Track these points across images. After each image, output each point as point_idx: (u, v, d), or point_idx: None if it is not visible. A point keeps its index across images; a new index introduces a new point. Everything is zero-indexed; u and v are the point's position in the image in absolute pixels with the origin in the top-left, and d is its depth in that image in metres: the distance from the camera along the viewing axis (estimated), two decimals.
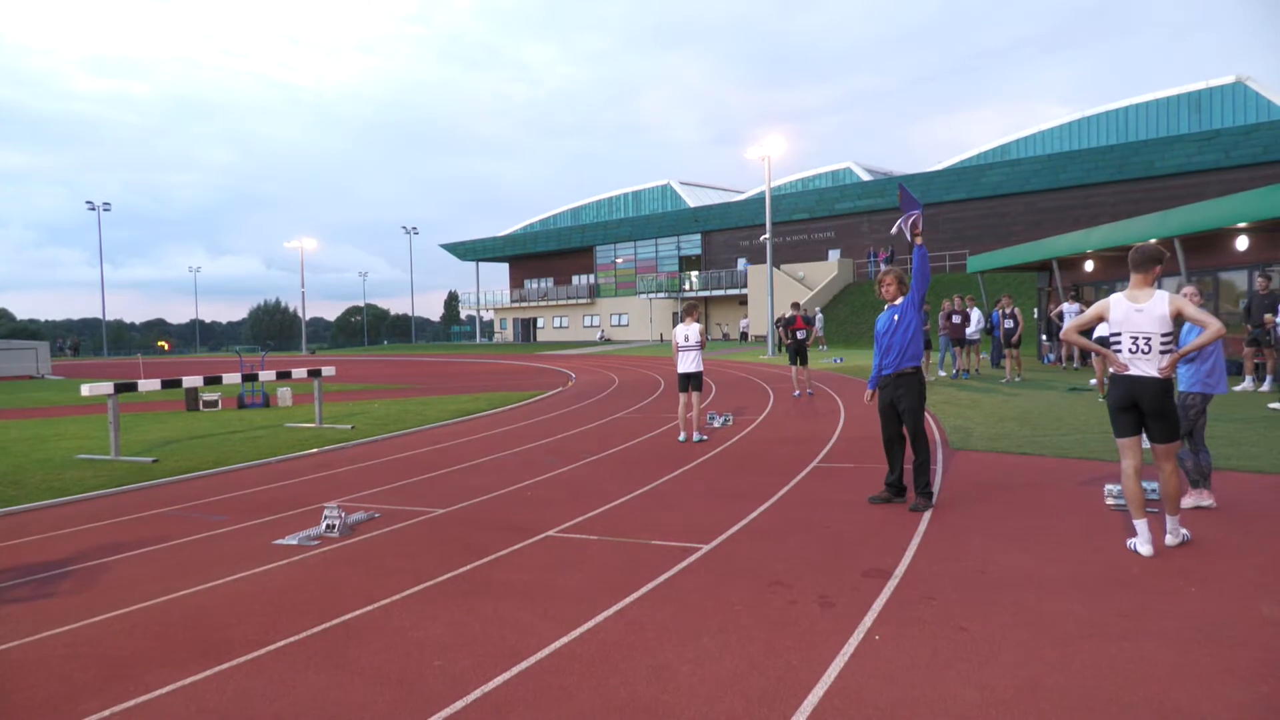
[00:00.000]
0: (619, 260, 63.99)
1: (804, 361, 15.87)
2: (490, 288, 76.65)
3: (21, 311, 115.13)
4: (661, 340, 54.26)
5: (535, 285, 71.76)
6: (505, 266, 75.96)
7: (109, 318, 78.95)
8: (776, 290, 35.85)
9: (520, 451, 10.13)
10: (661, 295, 57.33)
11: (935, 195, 45.51)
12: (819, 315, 35.54)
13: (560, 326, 67.72)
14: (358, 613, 4.35)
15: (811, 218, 51.67)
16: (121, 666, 3.73)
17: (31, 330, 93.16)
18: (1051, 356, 21.68)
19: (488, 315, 78.31)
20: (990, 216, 44.05)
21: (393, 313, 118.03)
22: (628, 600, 4.42)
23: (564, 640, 3.88)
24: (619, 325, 62.72)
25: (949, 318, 17.97)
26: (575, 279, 68.04)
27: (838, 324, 38.25)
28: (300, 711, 3.24)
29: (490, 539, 5.82)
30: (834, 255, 49.10)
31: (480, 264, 75.78)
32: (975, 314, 18.03)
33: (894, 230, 6.00)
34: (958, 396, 14.14)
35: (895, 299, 6.52)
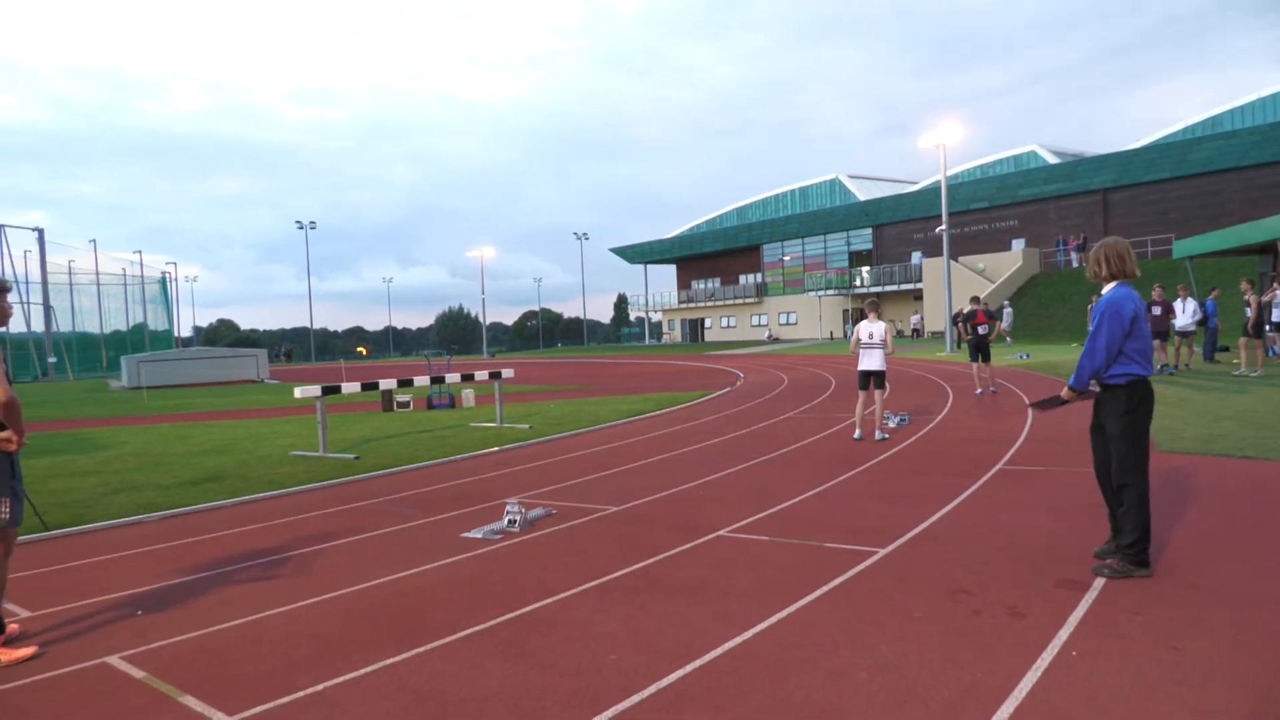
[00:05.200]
0: (786, 258, 63.13)
1: (986, 358, 15.05)
2: (658, 289, 77.81)
3: (244, 322, 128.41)
4: (831, 338, 53.04)
5: (702, 286, 72.06)
6: (672, 268, 76.77)
7: (316, 326, 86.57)
8: (954, 284, 34.13)
9: (689, 451, 10.20)
10: (831, 292, 56.03)
11: (1133, 175, 41.85)
12: (1008, 308, 33.52)
13: (728, 326, 67.64)
14: (538, 605, 4.54)
15: (992, 206, 48.86)
16: (332, 645, 4.08)
17: (252, 339, 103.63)
18: (1277, 349, 19.42)
19: (656, 316, 79.45)
20: (1199, 196, 39.97)
21: (566, 316, 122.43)
22: (801, 603, 4.36)
23: (737, 640, 3.88)
24: (787, 324, 61.87)
25: (1149, 309, 16.52)
26: (742, 278, 67.76)
27: (1024, 318, 35.93)
28: (487, 695, 3.42)
29: (661, 537, 5.91)
30: (1017, 245, 46.17)
31: (648, 266, 77.02)
32: (1190, 304, 16.47)
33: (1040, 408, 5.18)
34: (1164, 394, 12.93)
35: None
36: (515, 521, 6.36)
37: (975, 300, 15.46)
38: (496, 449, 11.16)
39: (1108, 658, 3.48)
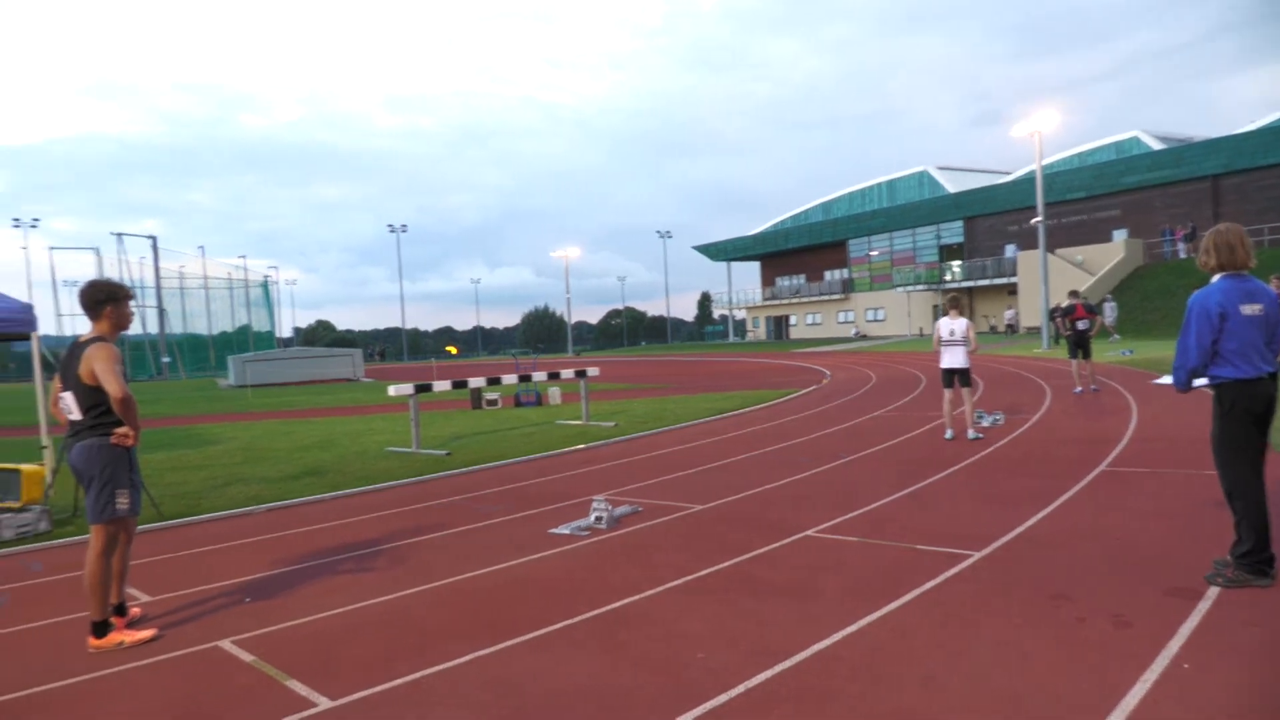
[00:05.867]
0: (873, 253, 61.82)
1: (1087, 354, 14.44)
2: (741, 287, 77.29)
3: (340, 323, 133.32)
4: (921, 334, 51.70)
5: (787, 282, 71.24)
6: (756, 265, 76.17)
7: (407, 326, 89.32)
8: (1051, 277, 32.80)
9: (775, 450, 10.11)
10: (920, 287, 54.60)
11: (1246, 160, 39.45)
12: (1110, 302, 32.06)
13: (813, 323, 66.70)
14: (625, 601, 4.58)
15: (1091, 195, 46.77)
16: (427, 635, 4.21)
17: (348, 339, 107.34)
18: None
19: (740, 314, 78.96)
20: None
21: (649, 314, 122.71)
22: (892, 606, 4.27)
23: (826, 642, 3.83)
24: (875, 320, 60.60)
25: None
26: (828, 274, 66.71)
27: (1127, 312, 34.28)
28: (576, 690, 3.46)
29: (748, 536, 5.87)
30: (1119, 235, 44.10)
31: (731, 263, 76.58)
32: None
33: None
34: None
35: None
36: (602, 518, 6.43)
37: (1074, 294, 14.86)
38: (582, 446, 11.29)
39: (1224, 671, 3.30)
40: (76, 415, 4.35)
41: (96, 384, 4.26)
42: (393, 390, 11.93)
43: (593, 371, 14.66)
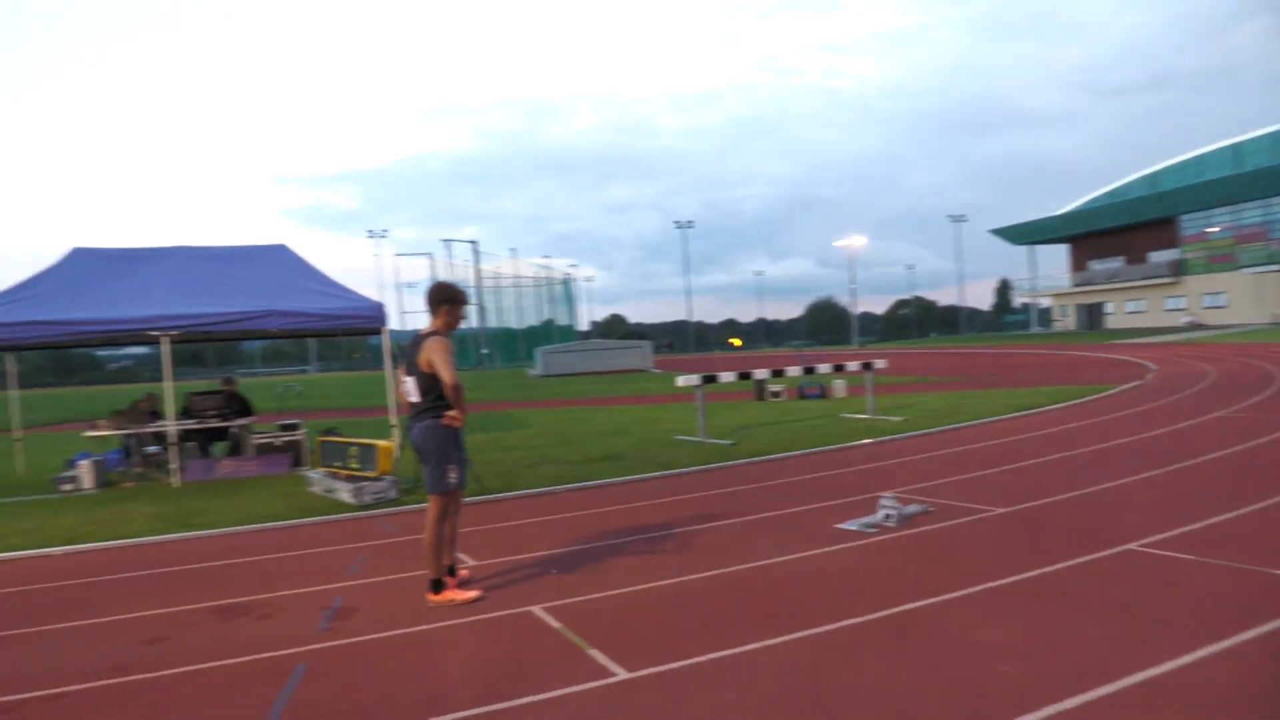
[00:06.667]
0: (1212, 229, 53.51)
1: None
2: (1047, 272, 70.62)
3: (631, 317, 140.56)
4: (1277, 322, 43.98)
5: (1101, 266, 63.99)
6: (1064, 248, 69.24)
7: (693, 319, 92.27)
8: None
9: (1089, 452, 9.14)
10: (1273, 268, 46.46)
11: None
12: None
13: (1134, 311, 59.31)
14: (917, 604, 4.38)
15: None
16: (717, 619, 4.33)
17: (639, 332, 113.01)
18: None
19: (1044, 302, 72.27)
20: None
21: (940, 304, 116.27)
22: (1238, 639, 3.69)
23: (1154, 671, 3.40)
24: (1213, 307, 52.56)
25: None
26: (1152, 256, 58.97)
27: None
28: (865, 689, 3.38)
29: (1058, 545, 5.37)
30: None
31: (1035, 247, 70.25)
32: None
33: None
34: None
35: None
36: (891, 516, 6.21)
37: None
38: (869, 441, 10.97)
39: None
40: (416, 399, 5.00)
41: (433, 372, 4.86)
42: (680, 381, 12.40)
43: (879, 364, 14.18)
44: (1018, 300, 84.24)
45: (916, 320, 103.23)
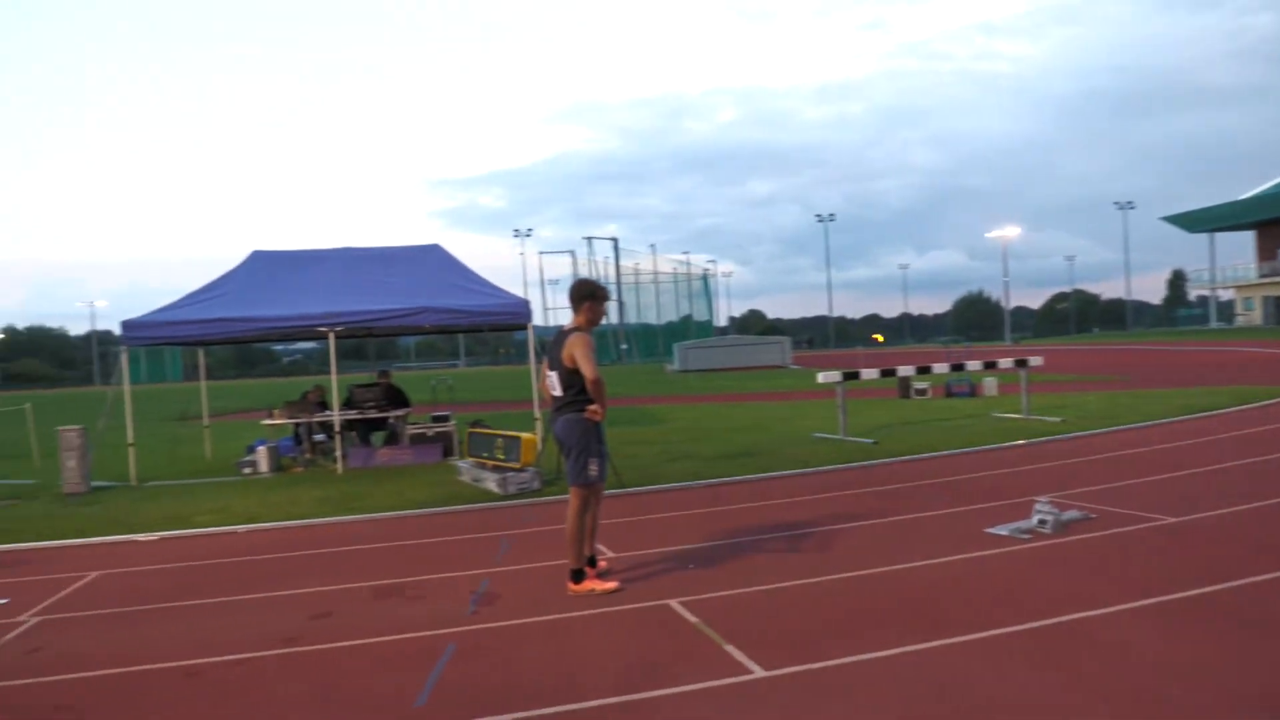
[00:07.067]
0: None
1: None
2: (1228, 262, 64.65)
3: (770, 312, 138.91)
4: None
5: None
6: (1249, 235, 63.09)
7: (834, 314, 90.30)
8: None
9: (1278, 459, 8.32)
10: None
11: None
12: None
13: None
14: (1075, 616, 4.13)
15: None
16: (855, 620, 4.23)
17: (778, 328, 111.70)
18: None
19: (1226, 294, 66.22)
20: None
21: (1103, 297, 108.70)
22: None
23: None
24: None
25: None
26: None
27: None
28: (1018, 703, 3.22)
29: (1241, 560, 4.92)
30: None
31: (1215, 234, 64.44)
32: None
33: None
34: None
35: None
36: (1046, 522, 5.87)
37: None
38: (1023, 442, 10.42)
39: None
40: (559, 392, 5.14)
41: (575, 367, 4.99)
42: (821, 377, 12.18)
43: (1034, 361, 13.42)
44: (1194, 293, 77.51)
45: (1076, 315, 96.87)
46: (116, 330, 10.68)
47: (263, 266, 12.06)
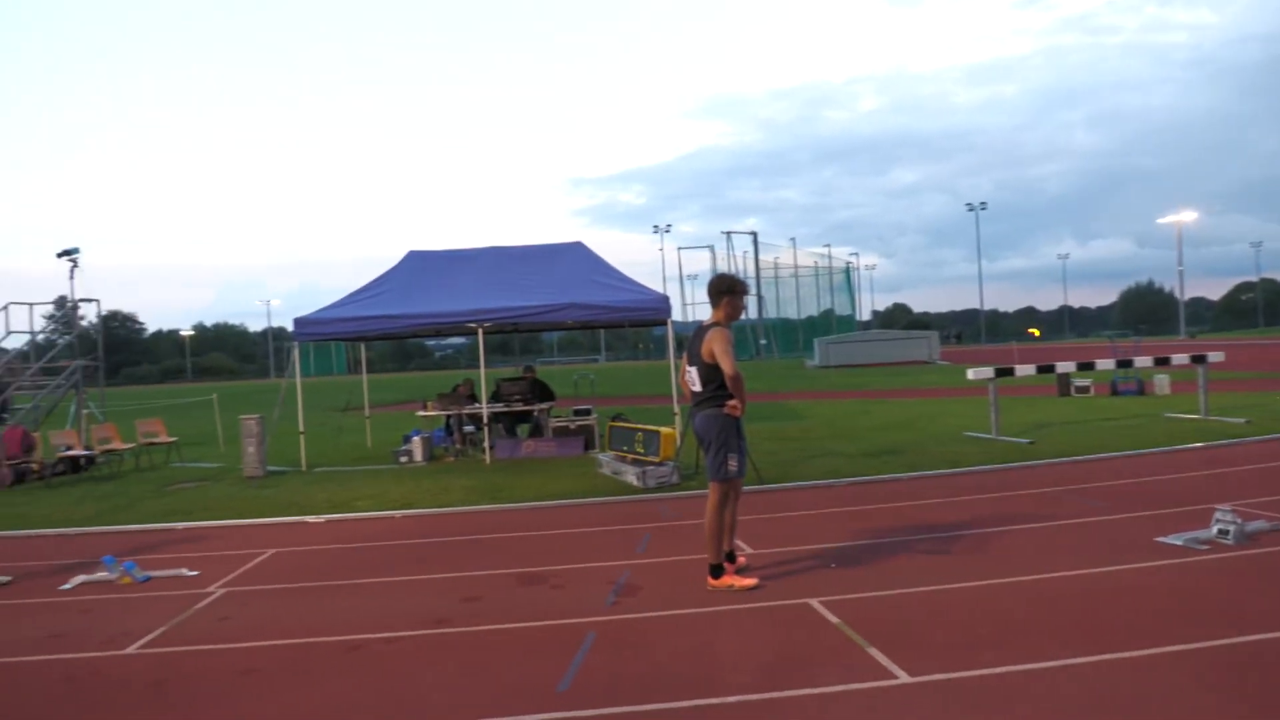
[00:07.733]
0: None
1: None
2: None
3: (916, 306, 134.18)
4: None
5: None
6: None
7: (985, 307, 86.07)
8: None
9: None
10: None
11: None
12: None
13: None
14: (1260, 636, 3.76)
15: None
16: (1012, 629, 4.02)
17: (924, 322, 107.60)
18: None
19: None
20: None
21: None
22: None
23: None
24: None
25: None
26: None
27: None
28: None
29: None
30: None
31: None
32: None
33: None
34: None
35: None
36: (1228, 532, 5.38)
37: None
38: (1199, 445, 9.59)
39: None
40: (698, 388, 5.14)
41: (714, 362, 4.98)
42: (971, 374, 11.63)
43: (1214, 356, 12.31)
44: None
45: (1264, 306, 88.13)
46: (289, 327, 11.57)
47: (418, 266, 12.72)
